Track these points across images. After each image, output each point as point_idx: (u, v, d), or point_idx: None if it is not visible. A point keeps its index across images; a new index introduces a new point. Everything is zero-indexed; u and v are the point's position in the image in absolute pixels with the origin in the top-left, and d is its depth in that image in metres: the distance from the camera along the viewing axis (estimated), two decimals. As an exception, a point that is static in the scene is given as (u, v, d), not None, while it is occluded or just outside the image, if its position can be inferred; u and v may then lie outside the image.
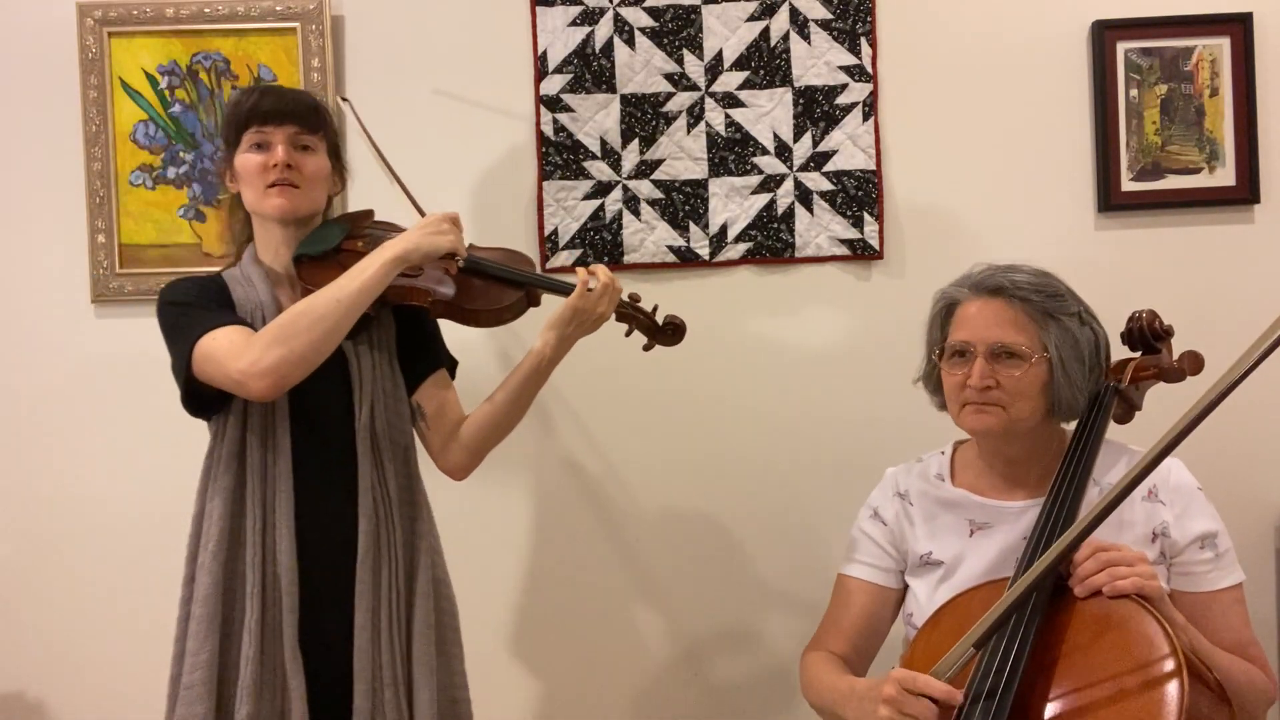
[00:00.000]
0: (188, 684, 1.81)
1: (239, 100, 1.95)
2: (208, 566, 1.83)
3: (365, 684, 1.82)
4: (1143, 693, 1.46)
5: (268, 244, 1.96)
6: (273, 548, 1.84)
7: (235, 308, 1.89)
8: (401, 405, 1.97)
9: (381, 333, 1.96)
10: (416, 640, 1.88)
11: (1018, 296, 1.77)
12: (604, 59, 2.53)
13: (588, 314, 1.90)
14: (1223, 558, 1.74)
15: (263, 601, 1.82)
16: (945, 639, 1.66)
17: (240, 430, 1.87)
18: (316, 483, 1.88)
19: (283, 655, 1.81)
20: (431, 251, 1.85)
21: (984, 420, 1.77)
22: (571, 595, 2.57)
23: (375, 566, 1.86)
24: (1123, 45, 2.51)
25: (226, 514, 1.84)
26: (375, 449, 1.90)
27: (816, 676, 1.84)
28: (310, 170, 1.92)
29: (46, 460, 2.55)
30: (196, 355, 1.80)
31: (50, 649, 2.55)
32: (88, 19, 2.50)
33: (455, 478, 2.04)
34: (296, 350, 1.74)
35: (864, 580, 1.92)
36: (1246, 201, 2.52)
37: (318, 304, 1.78)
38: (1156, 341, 1.88)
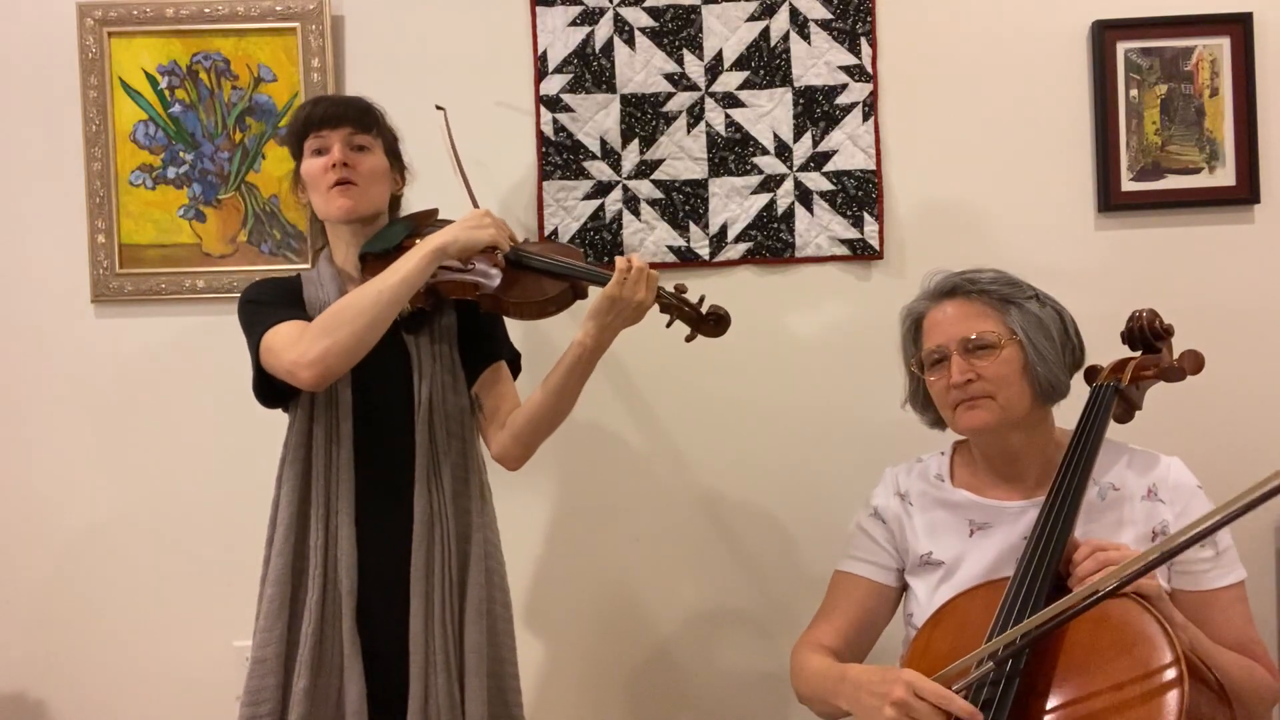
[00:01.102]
0: (260, 658, 1.92)
1: (297, 113, 2.07)
2: (278, 549, 1.94)
3: (419, 667, 1.90)
4: (1143, 692, 1.46)
5: (338, 245, 2.06)
6: (335, 534, 1.94)
7: (306, 306, 1.99)
8: (461, 397, 2.04)
9: (442, 325, 2.04)
10: (468, 627, 1.95)
11: (974, 290, 1.81)
12: (604, 59, 2.53)
13: (626, 302, 1.91)
14: (1223, 556, 1.74)
15: (324, 583, 1.92)
16: (945, 639, 1.66)
17: (307, 421, 1.97)
18: (377, 472, 1.97)
19: (341, 635, 1.91)
20: (469, 244, 1.91)
21: (979, 416, 1.78)
22: (570, 595, 2.57)
23: (428, 554, 1.94)
24: (1123, 45, 2.51)
25: (294, 500, 1.95)
26: (432, 437, 1.98)
27: (807, 664, 1.83)
28: (367, 168, 2.01)
29: (46, 460, 2.55)
30: (262, 348, 1.91)
31: (50, 649, 2.55)
32: (88, 19, 2.50)
33: (508, 468, 2.08)
34: (340, 341, 1.82)
35: (861, 577, 1.93)
36: (1246, 201, 2.52)
37: (361, 297, 1.85)
38: (1157, 341, 1.88)
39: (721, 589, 2.56)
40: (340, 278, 2.03)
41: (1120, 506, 1.77)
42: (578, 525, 2.57)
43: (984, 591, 1.69)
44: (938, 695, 1.51)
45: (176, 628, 2.53)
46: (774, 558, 2.55)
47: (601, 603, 2.57)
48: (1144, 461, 1.81)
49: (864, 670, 1.67)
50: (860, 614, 1.91)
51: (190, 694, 2.52)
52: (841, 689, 1.68)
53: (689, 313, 2.00)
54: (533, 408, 2.01)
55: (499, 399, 2.08)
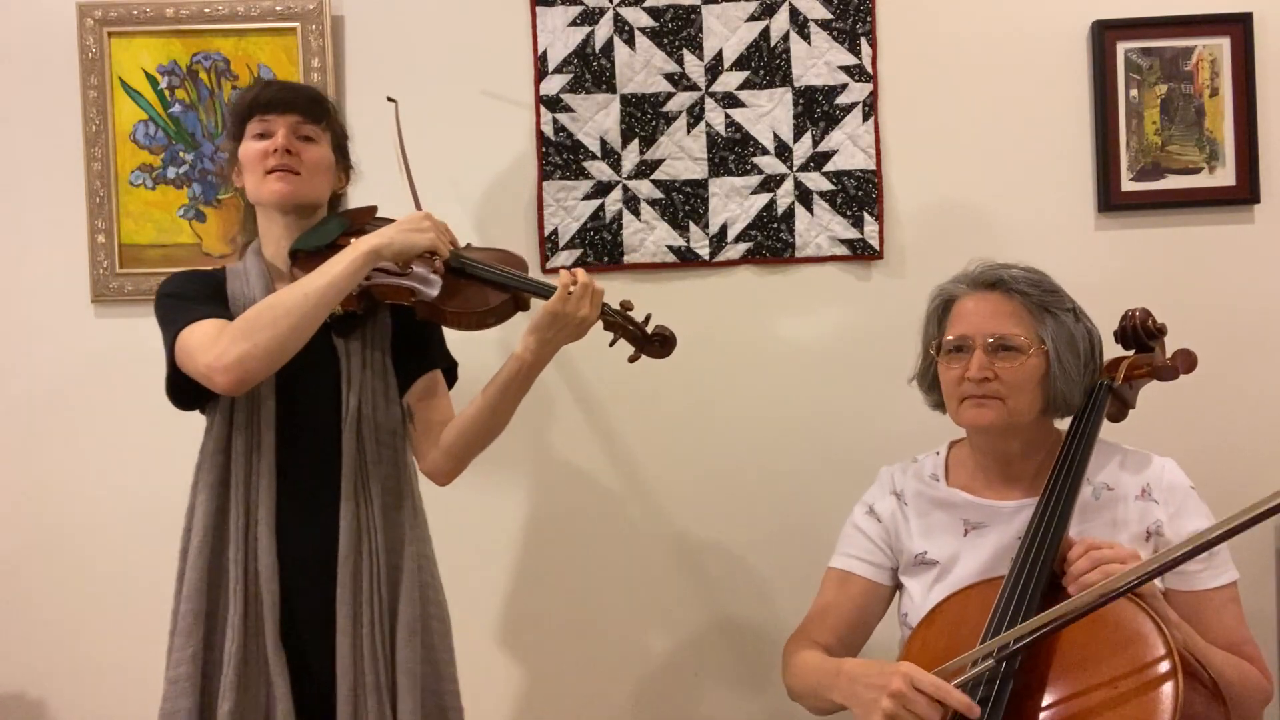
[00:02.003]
0: (173, 678, 1.81)
1: (243, 94, 1.95)
2: (193, 562, 1.82)
3: (348, 688, 1.80)
4: (1138, 690, 1.45)
5: (270, 236, 1.94)
6: (254, 545, 1.82)
7: (229, 301, 1.87)
8: (392, 405, 1.93)
9: (375, 332, 1.93)
10: (401, 646, 1.85)
11: (1015, 290, 1.78)
12: (604, 59, 2.53)
13: (569, 318, 1.84)
14: (1216, 556, 1.73)
15: (245, 598, 1.80)
16: (940, 638, 1.66)
17: (226, 426, 1.85)
18: (301, 481, 1.86)
19: (266, 651, 1.79)
20: (406, 248, 1.81)
21: (984, 414, 1.77)
22: (569, 595, 2.57)
23: (355, 569, 1.83)
24: (1123, 45, 2.51)
25: (211, 509, 1.83)
26: (360, 447, 1.87)
27: (800, 660, 1.82)
28: (311, 159, 1.91)
29: (46, 459, 2.55)
30: (177, 347, 1.80)
31: (50, 649, 2.55)
32: (88, 19, 2.50)
33: (438, 482, 2.00)
34: (260, 345, 1.72)
35: (855, 574, 1.92)
36: (1246, 201, 2.51)
37: (285, 298, 1.75)
38: (1150, 340, 1.88)
39: (717, 591, 2.56)
40: (268, 273, 1.92)
41: (1114, 506, 1.77)
42: (578, 525, 2.57)
43: (979, 590, 1.69)
44: (935, 687, 1.51)
45: (176, 627, 2.53)
46: (771, 558, 2.54)
47: (594, 607, 2.57)
48: (1137, 461, 1.81)
49: (860, 664, 1.66)
50: (853, 612, 1.90)
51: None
52: (837, 683, 1.67)
53: (633, 331, 1.93)
54: (465, 423, 1.94)
55: (433, 410, 1.98)
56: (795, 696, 1.85)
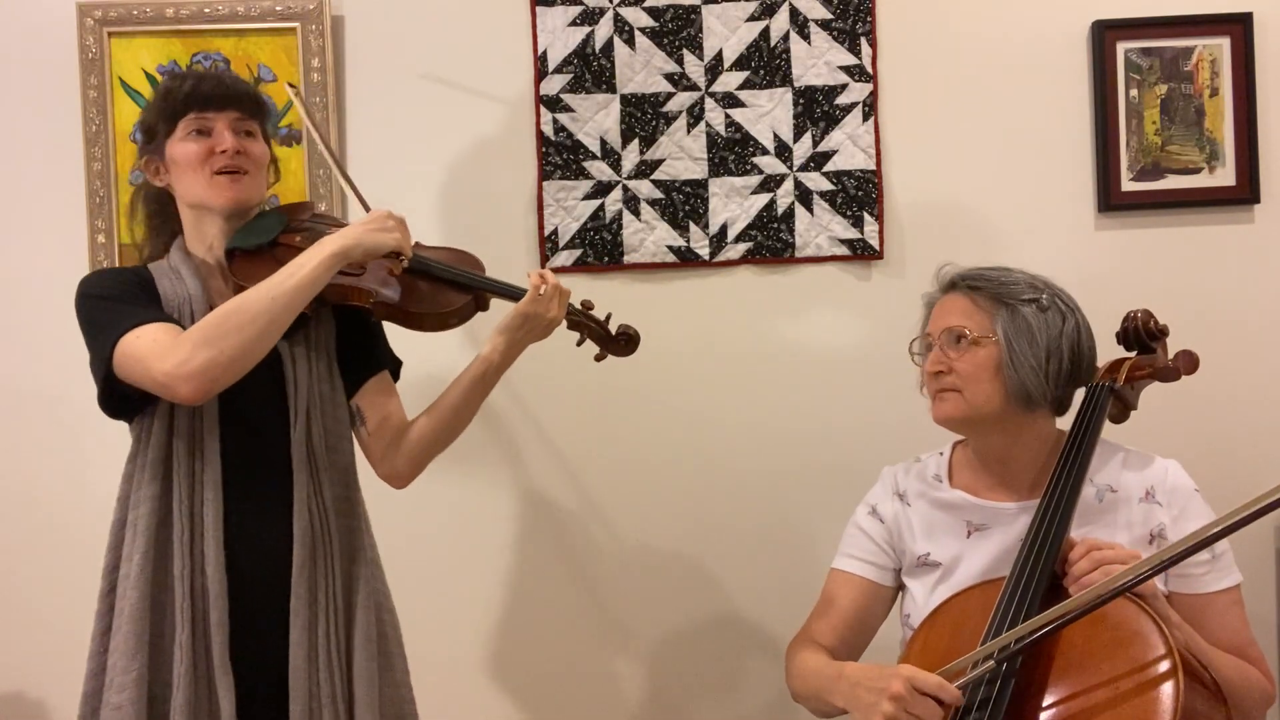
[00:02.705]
0: (115, 704, 1.70)
1: (172, 87, 1.84)
2: (134, 580, 1.73)
3: (301, 704, 1.73)
4: (1138, 690, 1.46)
5: (201, 236, 1.85)
6: (200, 560, 1.74)
7: (161, 302, 1.79)
8: (340, 410, 1.88)
9: (320, 333, 1.87)
10: (358, 655, 1.79)
11: (968, 286, 1.82)
12: (604, 59, 2.53)
13: (538, 319, 1.84)
14: (1220, 559, 1.73)
15: (193, 617, 1.72)
16: (942, 639, 1.67)
17: (166, 435, 1.76)
18: (248, 491, 1.78)
19: (212, 672, 1.71)
20: (374, 248, 1.75)
21: (943, 407, 1.81)
22: (563, 599, 2.57)
23: (311, 581, 1.77)
24: (1123, 45, 2.51)
25: (153, 524, 1.74)
26: (311, 456, 1.81)
27: (803, 662, 1.83)
28: (256, 157, 1.85)
29: (46, 459, 2.55)
30: (118, 354, 1.69)
31: (50, 649, 2.54)
32: (88, 19, 2.50)
33: (395, 485, 1.96)
34: (227, 352, 1.64)
35: (857, 575, 1.92)
36: (1246, 201, 2.51)
37: (250, 302, 1.67)
38: (1151, 341, 1.89)
39: (718, 592, 2.56)
40: (202, 270, 1.83)
41: (1117, 509, 1.77)
42: (575, 528, 2.57)
43: (980, 591, 1.70)
44: (934, 686, 1.52)
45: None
46: (772, 559, 2.54)
47: (595, 608, 2.57)
48: (1140, 463, 1.81)
49: (861, 668, 1.67)
50: (856, 613, 1.91)
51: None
52: (838, 686, 1.68)
53: (597, 330, 1.94)
54: (429, 424, 1.90)
55: (386, 413, 1.92)
56: (798, 698, 1.85)
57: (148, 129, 1.86)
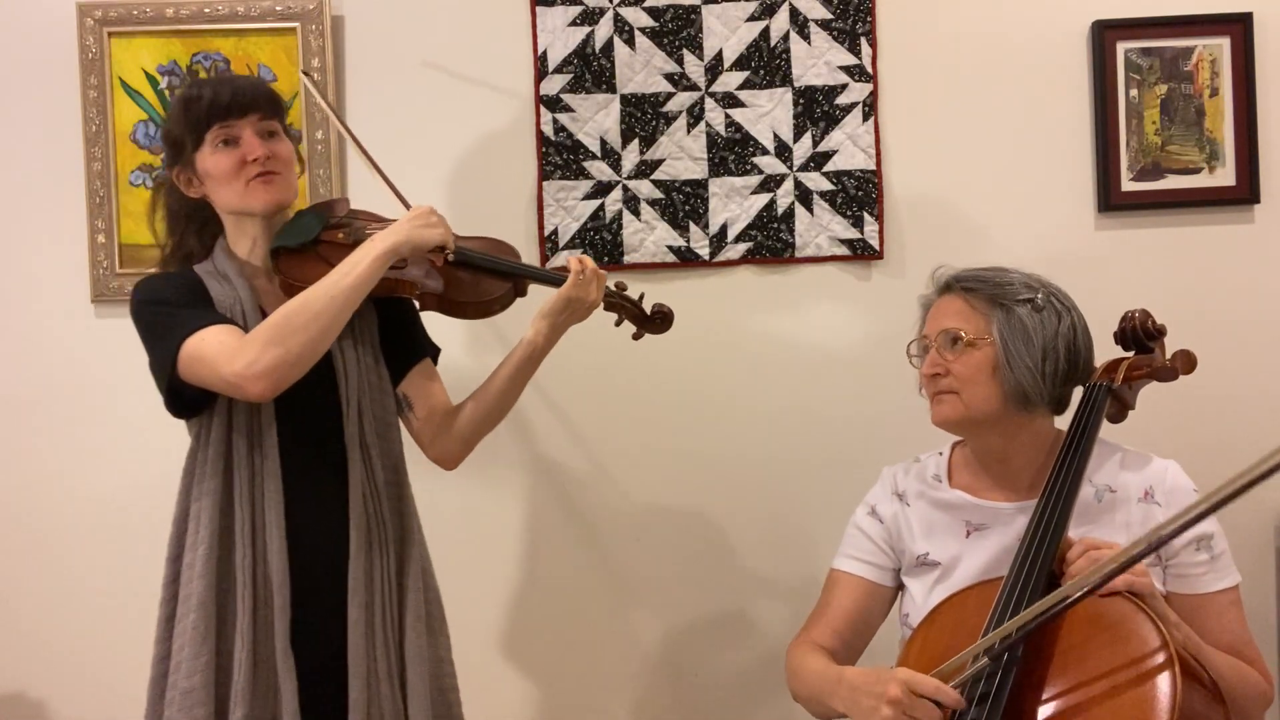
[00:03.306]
0: (185, 688, 1.77)
1: (191, 98, 1.87)
2: (200, 569, 1.80)
3: (360, 679, 1.81)
4: (1136, 690, 1.46)
5: (243, 238, 1.92)
6: (263, 549, 1.81)
7: (215, 304, 1.85)
8: (387, 399, 1.95)
9: (364, 325, 1.93)
10: (409, 632, 1.88)
11: (963, 287, 1.82)
12: (604, 59, 2.53)
13: (580, 302, 1.90)
14: (1218, 559, 1.73)
15: (254, 603, 1.80)
16: (940, 638, 1.67)
17: (225, 430, 1.84)
18: (305, 480, 1.86)
19: (275, 656, 1.79)
20: (422, 244, 1.84)
21: (941, 410, 1.81)
22: (569, 593, 2.57)
23: (367, 563, 1.85)
24: (1123, 45, 2.51)
25: (215, 516, 1.82)
26: (363, 444, 1.89)
27: (803, 665, 1.83)
28: (284, 157, 1.90)
29: (46, 459, 2.55)
30: (183, 356, 1.76)
31: (50, 649, 2.55)
32: (88, 19, 2.50)
33: (446, 467, 2.04)
34: (294, 350, 1.72)
35: (857, 576, 1.92)
36: (1246, 201, 2.51)
37: (311, 301, 1.75)
38: (1149, 341, 1.88)
39: (718, 591, 2.56)
40: (246, 271, 1.90)
41: (1116, 509, 1.77)
42: (576, 527, 2.57)
43: (978, 591, 1.70)
44: (931, 688, 1.52)
45: (176, 627, 2.54)
46: (772, 559, 2.54)
47: (597, 605, 2.57)
48: (1138, 463, 1.81)
49: (860, 672, 1.66)
50: (856, 613, 1.91)
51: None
52: (838, 691, 1.68)
53: (633, 310, 2.02)
54: (477, 407, 1.98)
55: (431, 397, 2.00)
56: (799, 700, 1.85)
57: (173, 142, 1.90)
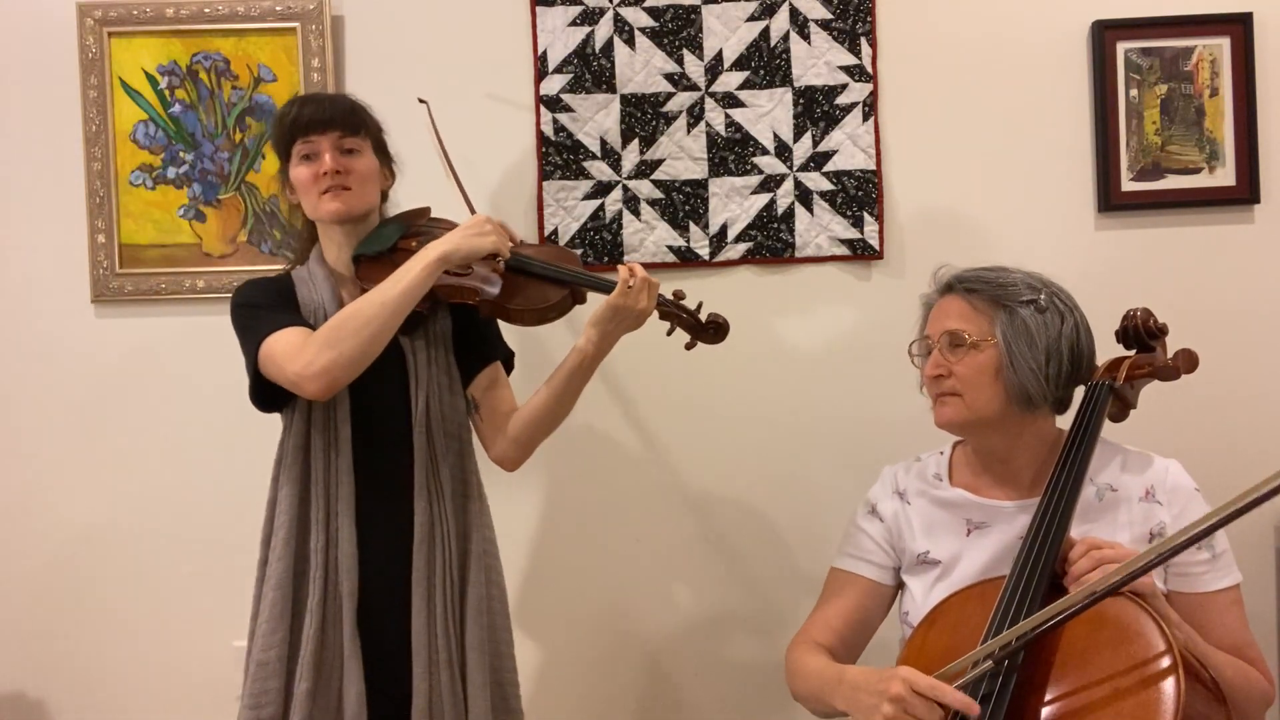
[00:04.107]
0: (262, 660, 1.91)
1: (282, 114, 2.03)
2: (279, 552, 1.94)
3: (422, 665, 1.91)
4: (1139, 690, 1.46)
5: (330, 245, 2.05)
6: (335, 536, 1.93)
7: (300, 307, 1.99)
8: (457, 399, 2.04)
9: (438, 328, 2.04)
10: (470, 625, 1.97)
11: (966, 289, 1.82)
12: (604, 59, 2.53)
13: (628, 311, 1.93)
14: (1220, 559, 1.73)
15: (325, 584, 1.92)
16: (941, 638, 1.67)
17: (305, 425, 1.96)
18: (376, 474, 1.97)
19: (342, 635, 1.91)
20: (472, 252, 1.92)
21: (944, 412, 1.81)
22: (569, 594, 2.57)
23: (429, 554, 1.95)
24: (1123, 45, 2.51)
25: (295, 503, 1.95)
26: (430, 441, 1.98)
27: (803, 663, 1.83)
28: (359, 172, 2.00)
29: (46, 460, 2.55)
30: (261, 355, 1.89)
31: (50, 649, 2.55)
32: (88, 19, 2.50)
33: (506, 469, 2.11)
34: (346, 353, 1.83)
35: (858, 575, 1.93)
36: (1246, 201, 2.51)
37: (364, 307, 1.86)
38: (1151, 340, 1.89)
39: (720, 590, 2.56)
40: (333, 278, 2.03)
41: (1117, 508, 1.77)
42: (579, 526, 2.57)
43: (979, 590, 1.70)
44: (933, 688, 1.51)
45: (176, 627, 2.54)
46: (773, 558, 2.54)
47: (600, 604, 2.57)
48: (1139, 462, 1.81)
49: (861, 671, 1.67)
50: (856, 612, 1.91)
51: (190, 694, 2.52)
52: (839, 690, 1.68)
53: (688, 320, 2.02)
54: (532, 411, 2.03)
55: (496, 401, 2.09)
56: (798, 698, 1.86)
57: (278, 154, 2.06)
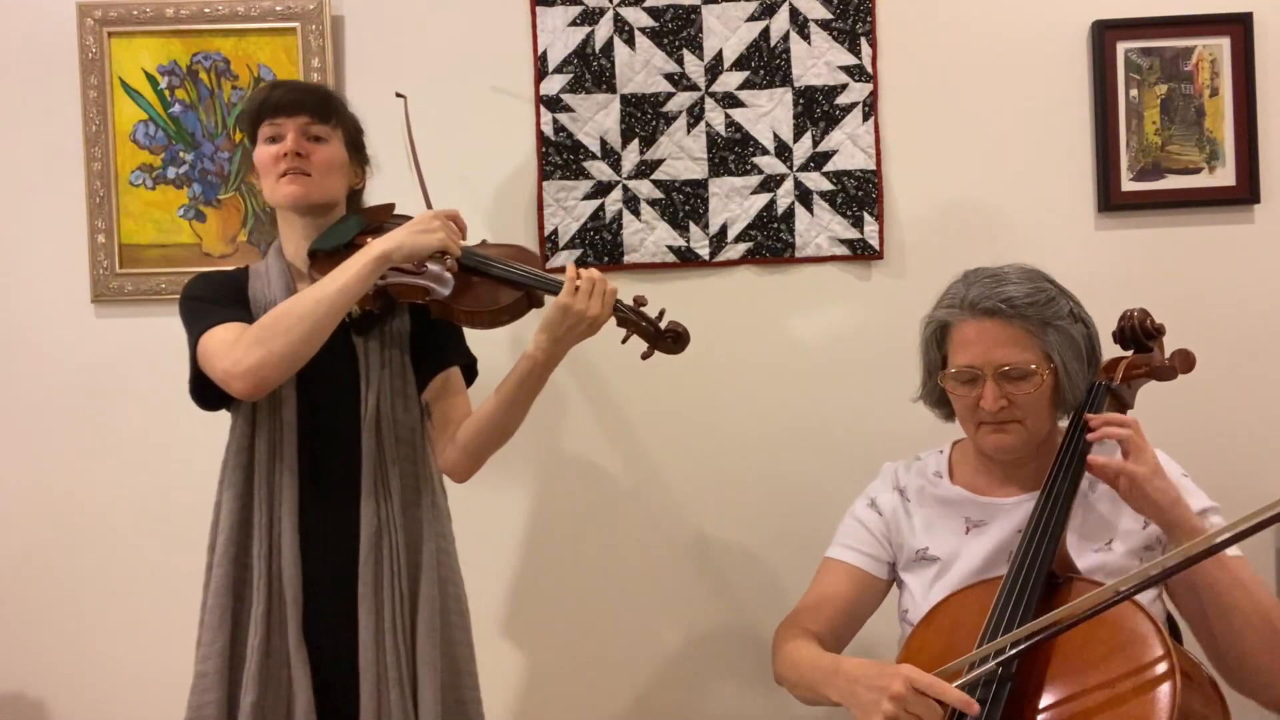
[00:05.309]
0: (202, 671, 1.85)
1: (254, 96, 1.97)
2: (220, 559, 1.86)
3: (370, 683, 1.83)
4: (1136, 691, 1.46)
5: (289, 237, 1.98)
6: (278, 542, 1.85)
7: (250, 303, 1.91)
8: (410, 402, 1.95)
9: (394, 330, 1.95)
10: (421, 641, 1.87)
11: (1014, 314, 1.75)
12: (604, 59, 2.53)
13: (579, 315, 1.83)
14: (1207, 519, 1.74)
15: (269, 595, 1.84)
16: (938, 639, 1.67)
17: (249, 426, 1.89)
18: (322, 480, 1.89)
19: (288, 647, 1.83)
20: (416, 250, 1.82)
21: (1004, 440, 1.78)
22: (570, 596, 2.57)
23: (376, 567, 1.86)
24: (1123, 45, 2.51)
25: (236, 508, 1.87)
26: (380, 444, 1.90)
27: (795, 651, 1.81)
28: (321, 159, 1.93)
29: (46, 459, 2.55)
30: (199, 350, 1.83)
31: (50, 649, 2.55)
32: (88, 19, 2.50)
33: (455, 479, 2.02)
34: (276, 351, 1.74)
35: (852, 565, 1.92)
36: (1246, 201, 2.51)
37: (298, 304, 1.77)
38: (1148, 340, 1.89)
39: (719, 591, 2.56)
40: (289, 273, 1.95)
41: (1115, 498, 1.76)
42: (577, 527, 2.57)
43: (976, 591, 1.70)
44: (933, 686, 1.51)
45: (176, 627, 2.52)
46: (773, 556, 2.54)
47: (600, 604, 2.57)
48: None
49: (859, 664, 1.64)
50: (847, 603, 1.90)
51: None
52: (834, 681, 1.66)
53: (646, 328, 1.91)
54: (480, 420, 1.95)
55: (449, 408, 2.00)
56: (783, 681, 1.84)
57: (247, 136, 1.99)
